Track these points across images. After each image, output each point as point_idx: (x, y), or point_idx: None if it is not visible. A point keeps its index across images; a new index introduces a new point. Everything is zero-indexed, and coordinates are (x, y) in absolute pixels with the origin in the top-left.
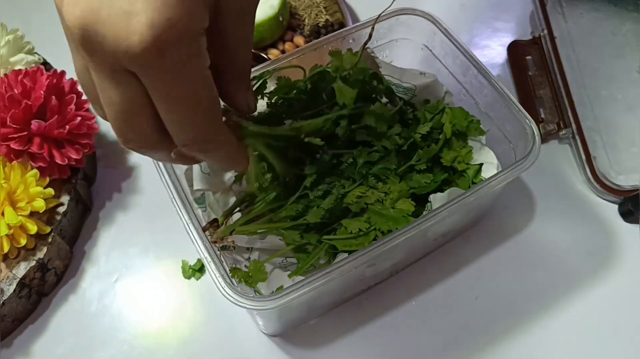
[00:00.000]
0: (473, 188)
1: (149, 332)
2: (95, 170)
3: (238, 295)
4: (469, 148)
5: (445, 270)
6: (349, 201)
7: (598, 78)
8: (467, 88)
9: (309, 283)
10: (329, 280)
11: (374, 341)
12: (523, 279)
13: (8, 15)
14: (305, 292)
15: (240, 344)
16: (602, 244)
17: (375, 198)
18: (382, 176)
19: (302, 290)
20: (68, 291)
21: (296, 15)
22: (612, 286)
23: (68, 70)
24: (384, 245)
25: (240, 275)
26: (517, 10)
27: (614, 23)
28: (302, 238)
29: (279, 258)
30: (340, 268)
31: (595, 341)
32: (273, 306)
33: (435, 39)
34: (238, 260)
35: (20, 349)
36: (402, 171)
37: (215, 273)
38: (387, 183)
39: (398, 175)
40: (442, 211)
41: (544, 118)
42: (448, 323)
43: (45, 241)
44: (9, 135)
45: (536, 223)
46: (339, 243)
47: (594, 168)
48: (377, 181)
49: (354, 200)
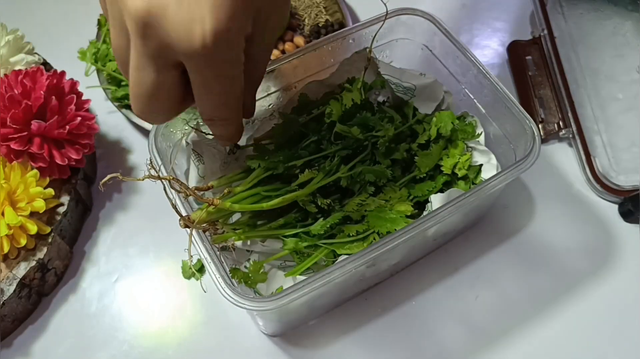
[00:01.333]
0: (473, 189)
1: (149, 332)
2: (95, 170)
3: (238, 296)
4: (468, 154)
5: (445, 270)
6: (349, 210)
7: (598, 78)
8: (467, 89)
9: (309, 284)
10: (329, 280)
11: (374, 341)
12: (523, 279)
13: (8, 15)
14: (305, 293)
15: (240, 345)
16: (602, 244)
17: (375, 205)
18: (380, 182)
19: (302, 290)
20: (68, 291)
21: (296, 15)
22: (612, 286)
23: (68, 70)
24: (383, 246)
25: (240, 276)
26: (517, 10)
27: (614, 23)
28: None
29: (278, 261)
30: (340, 269)
31: (595, 340)
32: (273, 307)
33: (435, 39)
34: (238, 261)
35: (20, 349)
36: (404, 182)
37: (215, 273)
38: (386, 192)
39: (399, 186)
40: (441, 212)
41: (544, 118)
42: (448, 323)
43: (45, 242)
44: (9, 135)
45: (536, 223)
46: (338, 246)
47: (594, 168)
48: (374, 189)
49: (355, 208)
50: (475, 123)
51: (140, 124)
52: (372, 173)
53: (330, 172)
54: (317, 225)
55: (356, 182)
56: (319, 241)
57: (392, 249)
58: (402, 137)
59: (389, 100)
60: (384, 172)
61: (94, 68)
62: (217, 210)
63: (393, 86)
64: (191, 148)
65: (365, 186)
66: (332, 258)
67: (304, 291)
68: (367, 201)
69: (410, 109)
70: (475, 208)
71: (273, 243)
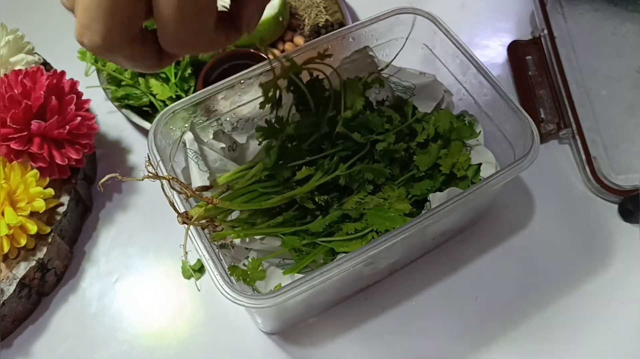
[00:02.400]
0: (471, 188)
1: (149, 332)
2: (95, 170)
3: (236, 293)
4: (467, 154)
5: (444, 270)
6: (348, 208)
7: (598, 78)
8: (466, 88)
9: (307, 282)
10: (327, 278)
11: (372, 340)
12: (522, 278)
13: (8, 15)
14: (304, 290)
15: (239, 343)
16: (602, 244)
17: (374, 204)
18: (378, 181)
19: (300, 288)
20: (68, 291)
21: (296, 15)
22: (611, 286)
23: (68, 70)
24: (381, 244)
25: (238, 273)
26: (517, 10)
27: (614, 23)
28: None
29: (277, 258)
30: (338, 267)
31: (595, 340)
32: (271, 304)
33: (436, 39)
34: (237, 258)
35: (20, 349)
36: (403, 180)
37: (213, 271)
38: (385, 191)
39: (397, 184)
40: (439, 211)
41: (544, 118)
42: (448, 322)
43: (45, 242)
44: (9, 135)
45: (536, 223)
46: (336, 244)
47: (594, 168)
48: (373, 187)
49: (353, 206)
50: (475, 122)
51: (140, 124)
52: (371, 172)
53: (329, 170)
54: (316, 222)
55: (355, 181)
56: (317, 239)
57: (390, 247)
58: (401, 135)
59: (388, 99)
60: (383, 170)
61: (94, 68)
62: (215, 207)
63: (392, 85)
64: (187, 147)
65: (364, 185)
66: (330, 256)
67: (302, 288)
68: (365, 200)
69: (410, 108)
70: (474, 207)
71: (272, 241)
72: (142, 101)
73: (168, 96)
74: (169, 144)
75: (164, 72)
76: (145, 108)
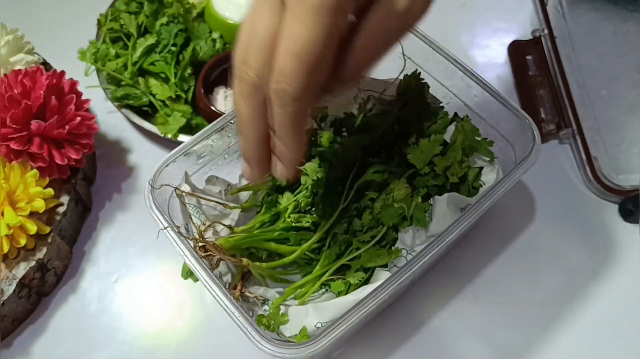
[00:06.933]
0: (476, 208)
1: (149, 332)
2: (95, 170)
3: (275, 346)
4: (477, 169)
5: (445, 270)
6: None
7: (598, 78)
8: (453, 92)
9: (351, 316)
10: (361, 315)
11: (373, 339)
12: (523, 279)
13: (8, 15)
14: (348, 326)
15: (239, 344)
16: (602, 244)
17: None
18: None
19: (338, 329)
20: (68, 291)
21: None
22: (612, 286)
23: (68, 70)
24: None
25: (263, 322)
26: (517, 10)
27: (614, 23)
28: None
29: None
30: (373, 299)
31: (595, 340)
32: (314, 350)
33: (414, 47)
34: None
35: (20, 349)
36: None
37: (246, 327)
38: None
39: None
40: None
41: (544, 118)
42: (448, 322)
43: (45, 242)
44: (8, 135)
45: (536, 223)
46: (364, 260)
47: (594, 168)
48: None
49: (368, 221)
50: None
51: (140, 124)
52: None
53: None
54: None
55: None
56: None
57: (419, 268)
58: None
59: (374, 107)
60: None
61: (93, 68)
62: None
63: (374, 100)
64: (187, 203)
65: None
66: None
67: (345, 326)
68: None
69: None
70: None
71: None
72: (142, 101)
73: (168, 96)
74: (164, 199)
75: (163, 72)
76: (145, 108)
